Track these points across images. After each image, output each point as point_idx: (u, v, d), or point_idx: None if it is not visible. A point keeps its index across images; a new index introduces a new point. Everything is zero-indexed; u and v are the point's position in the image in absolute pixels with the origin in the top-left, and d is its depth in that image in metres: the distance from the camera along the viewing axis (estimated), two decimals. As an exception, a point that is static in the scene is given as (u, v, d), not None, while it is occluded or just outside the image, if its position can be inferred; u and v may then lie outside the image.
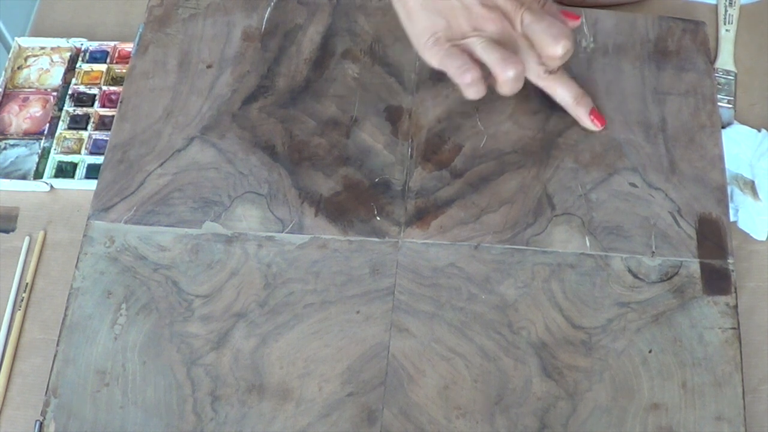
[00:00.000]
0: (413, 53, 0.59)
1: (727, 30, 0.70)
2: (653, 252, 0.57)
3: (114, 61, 0.69)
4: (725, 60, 0.68)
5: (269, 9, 0.67)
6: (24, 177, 0.64)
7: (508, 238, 0.57)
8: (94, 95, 0.67)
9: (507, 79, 0.56)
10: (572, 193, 0.59)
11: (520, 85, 0.57)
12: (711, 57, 0.66)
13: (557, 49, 0.56)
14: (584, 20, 0.66)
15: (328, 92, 0.63)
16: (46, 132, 0.65)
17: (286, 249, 0.57)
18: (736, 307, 0.55)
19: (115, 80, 0.68)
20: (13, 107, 0.67)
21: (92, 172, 0.64)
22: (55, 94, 0.67)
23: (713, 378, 0.53)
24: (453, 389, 0.53)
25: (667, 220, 0.58)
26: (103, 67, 0.68)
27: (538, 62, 0.58)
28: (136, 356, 0.54)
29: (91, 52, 0.69)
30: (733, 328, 0.54)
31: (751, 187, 0.62)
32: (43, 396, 0.53)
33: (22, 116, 0.66)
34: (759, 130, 0.65)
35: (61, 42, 0.70)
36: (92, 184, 0.61)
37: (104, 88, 0.67)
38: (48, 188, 0.64)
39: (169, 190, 0.59)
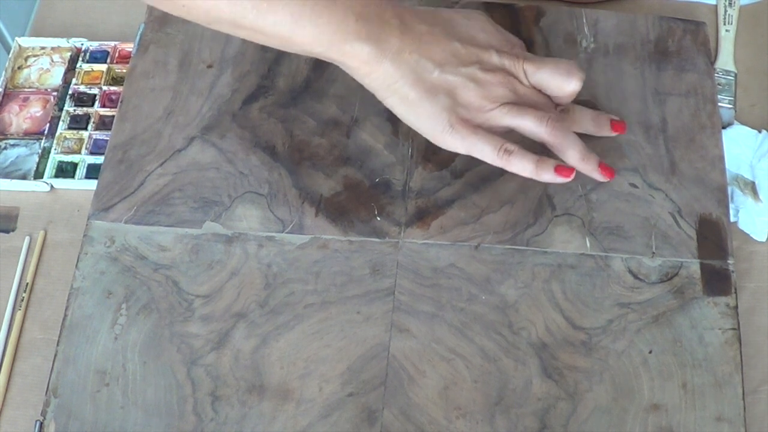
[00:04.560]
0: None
1: (727, 30, 0.70)
2: (653, 253, 0.57)
3: (114, 61, 0.69)
4: (725, 60, 0.68)
5: (270, 9, 0.67)
6: (24, 177, 0.63)
7: (508, 238, 0.57)
8: (95, 95, 0.67)
9: (550, 134, 0.54)
10: (573, 193, 0.59)
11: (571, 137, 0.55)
12: (711, 57, 0.66)
13: (573, 84, 0.55)
14: (585, 20, 0.66)
15: (329, 92, 0.63)
16: (46, 132, 0.65)
17: (287, 249, 0.57)
18: (736, 307, 0.55)
19: (116, 80, 0.68)
20: (14, 107, 0.67)
21: (92, 172, 0.64)
22: (55, 94, 0.67)
23: (713, 379, 0.53)
24: (453, 390, 0.53)
25: (667, 220, 0.58)
26: (103, 67, 0.68)
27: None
28: (137, 356, 0.54)
29: (92, 52, 0.69)
30: (733, 329, 0.54)
31: (751, 187, 0.62)
32: (43, 396, 0.53)
33: (22, 116, 0.66)
34: (759, 131, 0.64)
35: (62, 42, 0.69)
36: (92, 184, 0.61)
37: (104, 88, 0.67)
38: (48, 188, 0.64)
39: (169, 190, 0.59)
